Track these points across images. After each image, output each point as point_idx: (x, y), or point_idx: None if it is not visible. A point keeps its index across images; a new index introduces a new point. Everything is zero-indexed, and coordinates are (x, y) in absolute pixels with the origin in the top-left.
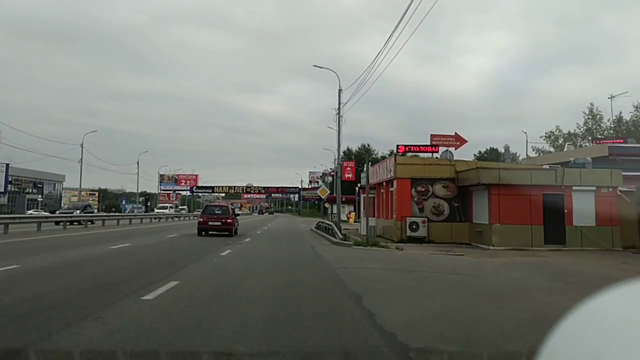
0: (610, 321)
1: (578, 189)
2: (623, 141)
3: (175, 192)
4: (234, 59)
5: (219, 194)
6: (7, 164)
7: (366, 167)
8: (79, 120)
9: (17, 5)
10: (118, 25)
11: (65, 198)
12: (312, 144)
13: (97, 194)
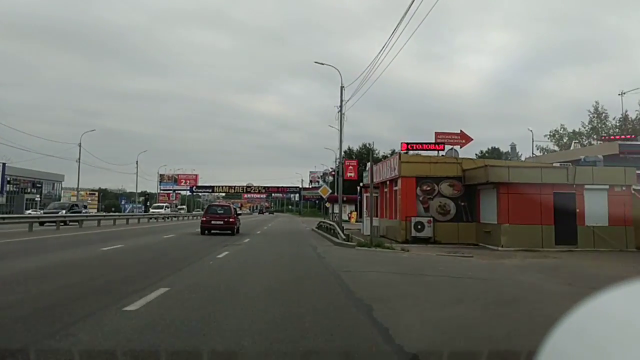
0: (611, 320)
1: (590, 187)
2: (635, 137)
3: (175, 191)
4: (234, 58)
5: (219, 193)
6: (4, 164)
7: (370, 164)
8: (79, 119)
9: (17, 3)
10: (118, 24)
11: (64, 198)
12: (313, 144)
13: (97, 194)
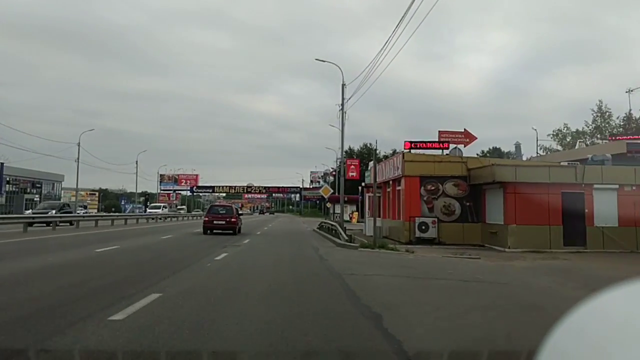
0: (611, 320)
1: (599, 187)
2: None
3: (176, 192)
4: (234, 58)
5: (219, 193)
6: (2, 164)
7: (373, 163)
8: (79, 119)
9: (16, 2)
10: (118, 24)
11: (64, 198)
12: (313, 144)
13: (98, 194)
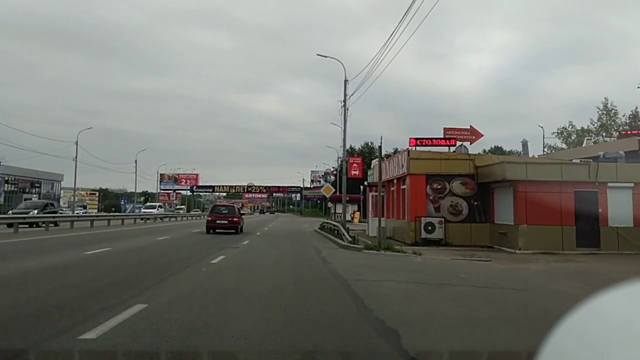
0: (611, 320)
1: (614, 185)
2: None
3: (176, 191)
4: (234, 58)
5: (219, 193)
6: None
7: (378, 161)
8: (79, 119)
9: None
10: (118, 24)
11: (65, 198)
12: (314, 144)
13: (98, 194)
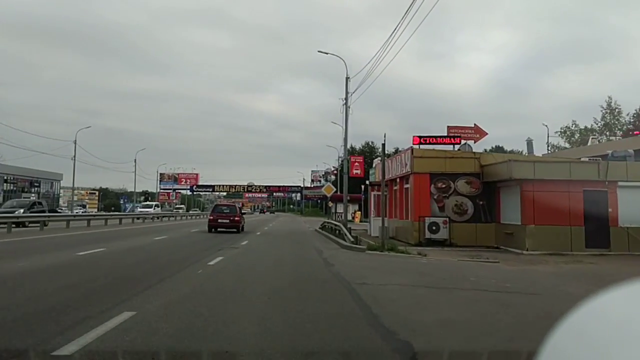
0: (611, 320)
1: (624, 184)
2: None
3: (175, 191)
4: (234, 57)
5: (219, 193)
6: None
7: (382, 159)
8: (79, 119)
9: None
10: (118, 23)
11: (64, 197)
12: (314, 143)
13: (98, 193)
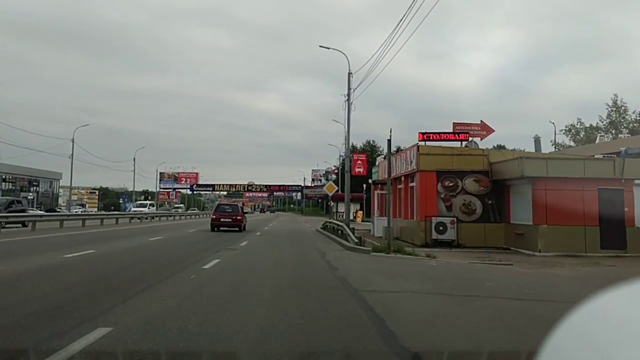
0: (611, 320)
1: None
2: None
3: (175, 190)
4: (234, 56)
5: (219, 192)
6: None
7: (388, 155)
8: (79, 118)
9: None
10: (119, 22)
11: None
12: (314, 143)
13: (97, 193)
